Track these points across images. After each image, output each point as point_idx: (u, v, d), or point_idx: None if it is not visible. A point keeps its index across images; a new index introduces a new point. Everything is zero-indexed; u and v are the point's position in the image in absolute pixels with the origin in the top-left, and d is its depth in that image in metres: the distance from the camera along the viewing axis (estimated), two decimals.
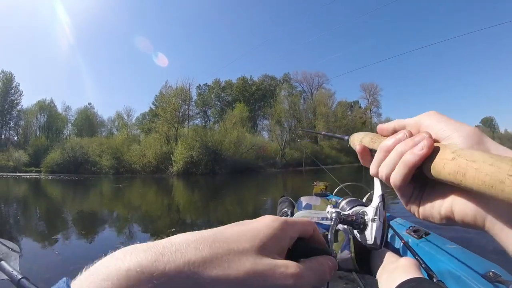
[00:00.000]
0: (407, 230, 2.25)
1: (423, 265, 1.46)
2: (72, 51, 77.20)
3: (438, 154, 0.37)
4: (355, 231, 0.53)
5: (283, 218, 0.34)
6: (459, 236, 3.53)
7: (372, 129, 0.50)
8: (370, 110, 60.33)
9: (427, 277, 1.30)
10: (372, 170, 0.47)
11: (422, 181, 0.42)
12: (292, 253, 0.34)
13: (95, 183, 25.34)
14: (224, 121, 45.15)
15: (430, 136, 0.40)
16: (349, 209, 0.57)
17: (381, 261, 1.54)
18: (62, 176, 33.14)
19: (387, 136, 0.47)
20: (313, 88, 59.31)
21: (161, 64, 76.07)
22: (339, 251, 1.68)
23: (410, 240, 2.10)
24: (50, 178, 31.86)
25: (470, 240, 3.53)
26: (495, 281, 1.42)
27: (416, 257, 1.55)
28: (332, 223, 0.55)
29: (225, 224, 0.31)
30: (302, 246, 0.35)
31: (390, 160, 0.43)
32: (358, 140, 0.55)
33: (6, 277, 0.99)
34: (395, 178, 0.41)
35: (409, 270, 1.27)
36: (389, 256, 1.56)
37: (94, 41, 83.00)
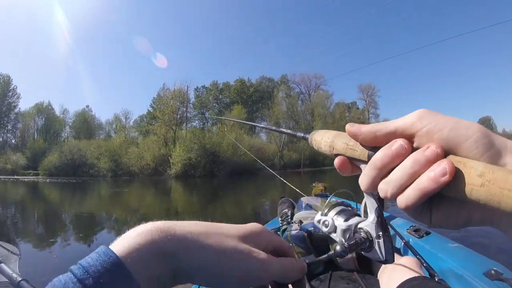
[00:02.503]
0: (407, 229, 2.25)
1: (424, 264, 1.45)
2: (70, 54, 77.07)
3: (462, 177, 0.32)
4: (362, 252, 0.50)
5: (264, 226, 0.44)
6: (460, 235, 3.52)
7: (348, 124, 0.42)
8: (368, 111, 60.40)
9: (428, 276, 1.30)
10: (365, 187, 0.40)
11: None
12: None
13: (93, 186, 25.30)
14: (222, 123, 45.12)
15: (442, 152, 0.34)
16: (344, 221, 0.55)
17: None
18: (60, 179, 33.08)
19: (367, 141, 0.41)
20: (311, 90, 59.48)
21: (160, 65, 75.92)
22: None
23: (411, 240, 2.10)
24: (48, 181, 31.84)
25: (471, 239, 3.54)
26: (497, 279, 1.42)
27: (417, 256, 1.55)
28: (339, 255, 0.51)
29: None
30: None
31: (397, 180, 0.36)
32: (326, 144, 0.48)
33: (6, 280, 0.98)
34: (406, 203, 0.35)
35: (410, 269, 1.26)
36: None
37: (91, 43, 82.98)
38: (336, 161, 0.45)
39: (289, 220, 2.21)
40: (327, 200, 1.94)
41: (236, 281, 0.36)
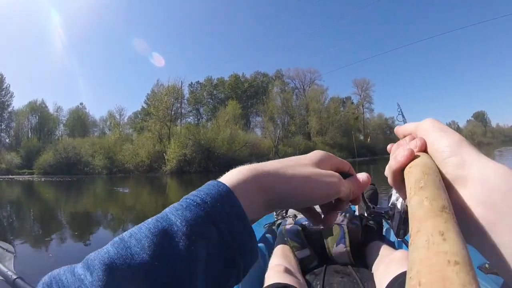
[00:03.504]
0: None
1: None
2: (63, 51, 76.75)
3: (411, 162, 0.41)
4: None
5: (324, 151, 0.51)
6: None
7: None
8: (363, 106, 60.54)
9: None
10: (387, 168, 0.49)
11: None
12: None
13: (88, 184, 25.19)
14: (217, 119, 45.05)
15: (421, 146, 0.43)
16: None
17: (377, 255, 1.55)
18: (55, 178, 32.86)
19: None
20: (306, 85, 59.61)
21: (157, 64, 75.59)
22: (334, 245, 1.68)
23: None
24: (43, 179, 31.60)
25: None
26: (490, 273, 1.43)
27: None
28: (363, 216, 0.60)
29: None
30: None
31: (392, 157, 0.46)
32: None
33: (1, 277, 0.99)
34: (388, 180, 0.47)
35: (404, 263, 1.27)
36: (385, 249, 1.57)
37: (84, 40, 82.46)
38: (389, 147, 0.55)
39: (284, 214, 2.22)
40: None
41: (319, 198, 0.44)
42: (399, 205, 0.55)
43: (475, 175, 0.35)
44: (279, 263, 1.53)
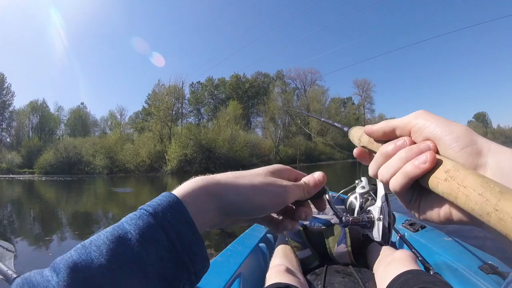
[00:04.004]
0: (403, 223, 2.26)
1: (419, 258, 1.46)
2: (64, 51, 76.58)
3: (435, 171, 0.37)
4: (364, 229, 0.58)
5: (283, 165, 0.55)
6: (456, 229, 3.52)
7: (366, 125, 0.50)
8: (364, 106, 60.56)
9: (423, 270, 1.31)
10: (370, 171, 0.49)
11: (420, 186, 0.42)
12: None
13: (89, 184, 25.19)
14: (218, 119, 45.04)
15: (434, 148, 0.40)
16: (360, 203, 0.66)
17: (378, 255, 1.55)
18: (55, 177, 32.89)
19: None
20: (307, 85, 59.51)
21: (157, 64, 75.53)
22: (336, 245, 1.68)
23: (406, 234, 2.11)
24: (43, 179, 31.63)
25: (466, 233, 3.54)
26: (492, 273, 1.42)
27: (413, 250, 1.56)
28: (342, 225, 0.61)
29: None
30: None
31: (391, 165, 0.43)
32: (357, 138, 0.56)
33: (1, 276, 0.98)
34: (394, 185, 0.42)
35: (405, 263, 1.27)
36: (385, 250, 1.56)
37: (86, 40, 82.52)
38: (355, 151, 0.55)
39: None
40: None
41: (267, 206, 0.47)
42: (376, 212, 0.56)
43: (492, 162, 0.35)
44: (280, 263, 1.53)
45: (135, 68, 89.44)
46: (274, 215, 0.55)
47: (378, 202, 0.56)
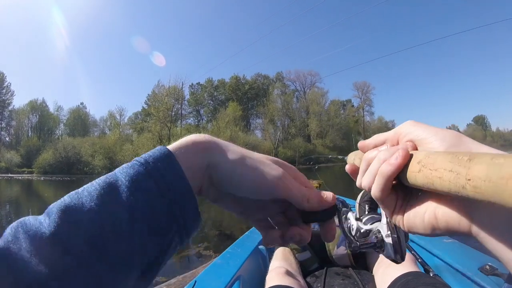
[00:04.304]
0: None
1: (419, 260, 1.46)
2: (65, 51, 76.67)
3: (409, 165, 0.36)
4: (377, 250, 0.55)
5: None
6: None
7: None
8: (363, 109, 60.49)
9: (423, 272, 1.31)
10: (357, 182, 0.47)
11: (405, 190, 0.41)
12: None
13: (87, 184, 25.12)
14: (217, 120, 45.03)
15: (413, 146, 0.40)
16: (369, 224, 0.62)
17: (377, 257, 1.55)
18: (54, 177, 32.88)
19: None
20: (306, 87, 59.69)
21: (158, 63, 75.57)
22: (335, 247, 1.68)
23: None
24: (42, 178, 31.63)
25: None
26: (491, 274, 1.43)
27: (412, 252, 1.56)
28: (351, 250, 0.56)
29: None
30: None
31: (370, 171, 0.42)
32: (351, 159, 0.54)
33: None
34: (375, 190, 0.41)
35: (405, 265, 1.27)
36: None
37: (86, 40, 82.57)
38: (347, 167, 0.53)
39: None
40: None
41: (253, 184, 0.41)
42: (384, 229, 0.53)
43: None
44: (280, 266, 1.53)
45: (135, 69, 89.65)
46: (270, 221, 0.49)
47: (384, 219, 0.53)
